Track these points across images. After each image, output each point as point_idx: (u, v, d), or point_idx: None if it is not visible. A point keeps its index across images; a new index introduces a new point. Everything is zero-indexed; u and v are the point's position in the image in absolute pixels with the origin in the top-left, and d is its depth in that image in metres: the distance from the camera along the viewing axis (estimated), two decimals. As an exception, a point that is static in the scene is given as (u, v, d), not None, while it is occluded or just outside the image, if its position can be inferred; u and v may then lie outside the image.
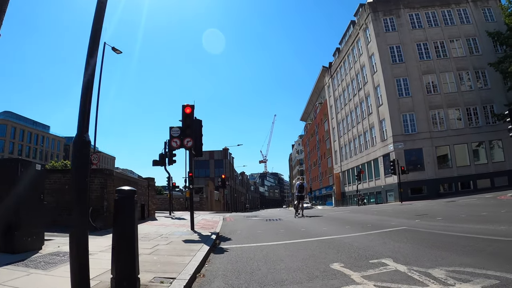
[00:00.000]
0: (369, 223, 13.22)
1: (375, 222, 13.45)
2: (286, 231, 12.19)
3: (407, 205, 26.45)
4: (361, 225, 12.62)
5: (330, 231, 11.15)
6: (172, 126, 12.62)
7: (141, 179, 18.55)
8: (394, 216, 15.34)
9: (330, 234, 10.28)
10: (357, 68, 54.10)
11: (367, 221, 13.89)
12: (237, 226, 15.58)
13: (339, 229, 11.59)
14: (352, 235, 9.80)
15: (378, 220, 14.27)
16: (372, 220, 14.44)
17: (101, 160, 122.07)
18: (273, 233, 11.56)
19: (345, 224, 13.20)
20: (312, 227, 12.83)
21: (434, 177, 41.22)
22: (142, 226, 13.72)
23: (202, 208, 47.65)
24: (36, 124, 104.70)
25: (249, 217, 22.99)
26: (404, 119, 42.97)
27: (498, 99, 41.97)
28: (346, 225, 12.96)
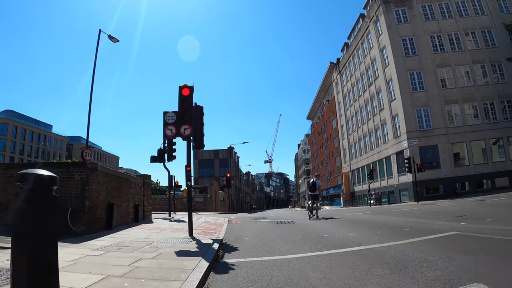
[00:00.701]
0: (403, 226, 11.12)
1: (411, 225, 11.34)
2: (304, 237, 10.05)
3: (429, 205, 24.18)
4: (395, 229, 10.53)
5: (360, 238, 9.06)
6: (167, 111, 10.54)
7: (134, 176, 16.35)
8: (429, 218, 13.21)
9: (363, 243, 8.18)
10: (367, 63, 52.00)
11: (400, 224, 11.80)
12: (244, 230, 13.41)
13: (370, 235, 9.49)
14: (393, 244, 7.70)
15: (412, 223, 12.12)
16: (404, 223, 12.29)
17: (104, 159, 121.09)
18: (289, 241, 9.42)
19: (374, 228, 11.07)
20: (335, 233, 10.69)
21: (451, 176, 39.17)
22: (132, 231, 11.64)
23: (206, 208, 45.72)
24: (38, 123, 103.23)
25: (257, 219, 20.67)
26: (419, 114, 40.94)
27: None
28: (376, 229, 10.85)
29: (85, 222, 10.44)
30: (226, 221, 18.21)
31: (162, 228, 12.77)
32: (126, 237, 9.98)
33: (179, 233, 11.12)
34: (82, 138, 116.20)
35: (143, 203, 16.22)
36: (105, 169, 12.28)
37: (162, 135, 10.61)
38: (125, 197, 13.98)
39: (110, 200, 12.20)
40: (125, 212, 13.88)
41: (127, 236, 10.10)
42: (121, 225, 13.05)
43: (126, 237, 9.98)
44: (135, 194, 15.24)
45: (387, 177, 46.90)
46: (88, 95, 22.73)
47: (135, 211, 15.03)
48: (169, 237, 10.01)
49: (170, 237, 10.01)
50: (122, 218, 13.45)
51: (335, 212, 26.02)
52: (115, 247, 7.95)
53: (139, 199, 15.69)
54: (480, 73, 42.12)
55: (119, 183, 13.36)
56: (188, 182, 10.30)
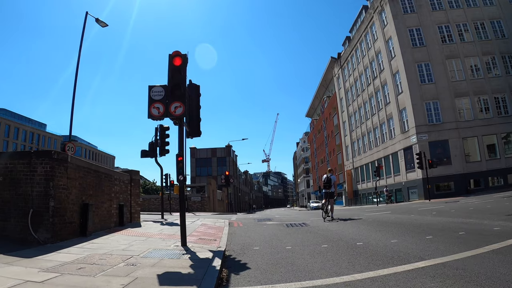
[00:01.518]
0: (453, 228, 8.94)
1: (461, 226, 9.16)
2: (332, 246, 7.75)
3: (450, 202, 21.84)
4: (447, 233, 8.33)
5: (410, 247, 6.85)
6: (153, 85, 8.24)
7: (119, 172, 13.81)
8: (475, 218, 11.06)
9: (422, 255, 5.97)
10: (371, 55, 49.91)
11: (447, 226, 9.60)
12: (250, 235, 11.03)
13: (420, 242, 7.27)
14: (468, 256, 5.57)
15: (460, 223, 9.92)
16: (449, 224, 10.07)
17: (99, 158, 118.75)
18: (315, 252, 7.14)
19: (417, 232, 8.78)
20: (370, 239, 8.39)
21: (462, 172, 37.24)
22: (111, 238, 9.31)
23: (203, 209, 43.51)
24: (32, 122, 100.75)
25: (262, 221, 18.06)
26: (428, 107, 38.94)
27: None
28: (420, 233, 8.59)
29: (50, 228, 8.15)
30: (226, 223, 15.81)
31: (149, 234, 10.43)
32: (100, 247, 7.68)
33: (169, 241, 8.80)
34: (77, 137, 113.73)
35: (130, 204, 13.86)
36: (78, 160, 9.93)
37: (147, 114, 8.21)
38: (106, 196, 11.64)
39: (85, 200, 9.89)
40: (106, 214, 11.55)
41: (102, 247, 7.80)
42: (101, 230, 10.76)
43: (100, 247, 7.68)
44: (119, 192, 12.89)
45: (393, 174, 44.72)
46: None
47: (119, 213, 12.68)
48: (156, 248, 7.70)
49: (157, 248, 7.70)
50: (102, 221, 11.13)
51: (345, 212, 23.60)
52: (76, 266, 5.65)
53: (125, 198, 13.33)
54: (491, 65, 40.48)
55: (98, 179, 11.03)
56: (180, 176, 7.96)
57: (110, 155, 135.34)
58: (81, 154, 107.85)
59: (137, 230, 11.58)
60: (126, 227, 12.30)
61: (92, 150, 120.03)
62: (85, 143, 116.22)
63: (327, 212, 15.89)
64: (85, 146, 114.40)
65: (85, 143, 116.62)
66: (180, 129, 8.25)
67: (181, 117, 8.05)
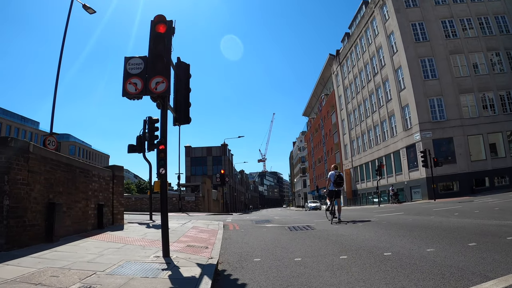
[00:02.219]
0: (495, 233, 7.37)
1: (506, 230, 7.58)
2: (353, 257, 6.15)
3: (465, 202, 20.24)
4: (492, 238, 6.75)
5: (456, 259, 5.30)
6: (131, 56, 6.66)
7: (98, 167, 11.98)
8: (510, 219, 9.48)
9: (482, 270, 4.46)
10: (372, 51, 48.50)
11: (486, 230, 8.04)
12: (248, 242, 9.35)
13: (468, 253, 5.67)
14: None
15: (499, 226, 8.36)
16: (485, 226, 8.50)
17: (93, 157, 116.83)
18: (334, 266, 5.54)
19: (452, 238, 7.14)
20: (398, 247, 6.77)
21: (467, 171, 35.93)
22: (81, 245, 7.68)
23: (197, 209, 41.85)
24: (24, 119, 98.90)
25: (260, 223, 16.31)
26: (431, 104, 37.60)
27: None
28: (458, 239, 6.97)
29: (3, 232, 6.56)
30: (221, 226, 14.09)
31: (129, 240, 8.80)
32: (62, 258, 6.06)
33: (150, 250, 7.19)
34: (70, 136, 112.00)
35: (111, 203, 12.21)
36: (44, 151, 8.30)
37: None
38: (81, 194, 10.00)
39: (53, 199, 8.28)
40: (81, 215, 9.91)
41: (64, 257, 6.18)
42: (74, 234, 9.17)
43: (62, 258, 6.06)
44: (99, 190, 11.25)
45: (395, 174, 43.30)
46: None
47: (98, 214, 11.05)
48: (131, 259, 6.09)
49: (131, 259, 6.09)
50: (75, 224, 9.51)
51: (350, 213, 21.91)
52: (9, 289, 4.07)
53: (105, 197, 11.70)
54: (495, 61, 39.24)
55: (71, 175, 9.40)
56: (162, 169, 6.36)
57: (104, 154, 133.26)
58: (75, 153, 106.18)
59: (117, 234, 9.95)
60: (105, 230, 10.67)
61: (86, 148, 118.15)
62: (79, 142, 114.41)
63: (334, 214, 14.21)
64: (78, 145, 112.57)
65: (79, 141, 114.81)
66: (163, 111, 6.66)
67: (164, 96, 6.46)
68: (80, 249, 7.13)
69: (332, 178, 14.35)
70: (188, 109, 7.74)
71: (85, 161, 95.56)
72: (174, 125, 7.88)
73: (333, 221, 13.75)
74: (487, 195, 27.27)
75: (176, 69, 7.71)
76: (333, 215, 14.26)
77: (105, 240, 8.66)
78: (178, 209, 39.96)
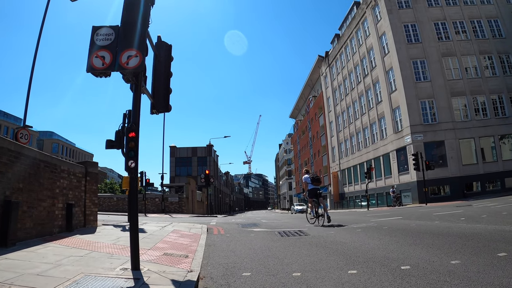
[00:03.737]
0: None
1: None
2: (364, 271, 5.03)
3: (464, 206, 18.97)
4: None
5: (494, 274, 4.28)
6: (100, 26, 5.51)
7: (68, 162, 10.59)
8: None
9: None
10: (363, 52, 47.85)
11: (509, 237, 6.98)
12: (235, 250, 8.12)
13: (503, 266, 4.63)
14: None
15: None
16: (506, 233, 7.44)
17: (76, 156, 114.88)
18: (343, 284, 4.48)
19: (475, 248, 6.00)
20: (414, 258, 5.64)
21: (458, 175, 35.36)
22: (41, 250, 6.48)
23: (181, 210, 40.70)
24: (7, 116, 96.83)
25: (247, 227, 14.97)
26: (423, 106, 36.99)
27: None
28: (483, 248, 5.88)
29: None
30: (204, 230, 12.85)
31: (98, 246, 7.60)
32: (7, 269, 4.87)
33: (118, 260, 6.00)
34: (54, 133, 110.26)
35: (83, 203, 10.99)
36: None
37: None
38: (47, 192, 8.77)
39: (10, 196, 7.10)
40: (46, 216, 8.66)
41: (12, 267, 5.00)
42: (37, 237, 7.99)
43: (7, 269, 4.87)
44: (69, 188, 10.02)
45: (384, 177, 42.56)
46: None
47: (67, 215, 9.83)
48: (91, 272, 4.92)
49: (92, 273, 4.92)
50: (39, 226, 8.27)
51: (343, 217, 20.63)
52: None
53: (76, 196, 10.47)
54: (488, 64, 38.92)
55: (34, 169, 8.18)
56: (131, 162, 5.22)
57: (88, 152, 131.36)
58: (58, 151, 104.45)
59: (85, 238, 8.73)
60: (74, 233, 9.43)
61: (69, 147, 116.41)
62: (62, 140, 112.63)
63: (320, 215, 13.99)
64: (62, 143, 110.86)
65: (62, 139, 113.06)
66: (135, 92, 5.52)
67: (137, 73, 5.32)
68: (36, 257, 5.94)
69: (308, 180, 14.73)
70: (168, 96, 6.63)
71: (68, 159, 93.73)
72: (151, 113, 6.76)
73: (320, 223, 13.60)
74: (480, 199, 26.51)
75: (156, 49, 6.60)
76: (318, 217, 14.13)
77: (70, 245, 7.46)
78: (161, 210, 38.83)
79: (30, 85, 17.62)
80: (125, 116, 15.54)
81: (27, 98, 17.49)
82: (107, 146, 16.11)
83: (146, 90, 6.03)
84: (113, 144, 15.89)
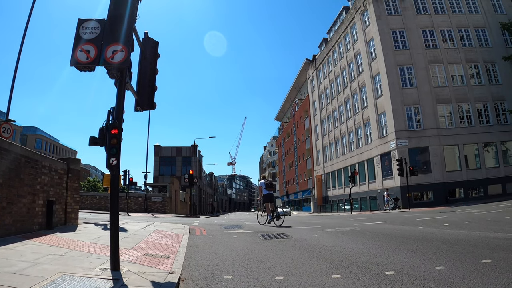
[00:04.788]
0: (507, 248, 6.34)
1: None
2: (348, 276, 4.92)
3: (447, 212, 18.94)
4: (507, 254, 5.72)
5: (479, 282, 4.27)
6: (86, 19, 5.39)
7: (49, 158, 10.18)
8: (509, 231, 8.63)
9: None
10: (350, 57, 48.05)
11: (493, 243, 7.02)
12: (217, 251, 7.99)
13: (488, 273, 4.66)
14: None
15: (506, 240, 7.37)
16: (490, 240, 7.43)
17: (60, 152, 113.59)
18: None
19: (460, 253, 5.94)
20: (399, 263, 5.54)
21: (442, 181, 35.67)
22: (19, 248, 6.30)
23: (164, 210, 40.38)
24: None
25: (229, 228, 14.86)
26: (408, 112, 37.25)
27: (510, 96, 38.35)
28: (467, 255, 5.86)
29: None
30: (186, 230, 12.69)
31: (77, 244, 7.44)
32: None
33: (97, 259, 5.87)
34: (38, 129, 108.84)
35: (64, 200, 10.80)
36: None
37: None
38: (27, 188, 8.56)
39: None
40: (25, 213, 8.46)
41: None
42: (16, 235, 7.80)
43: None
44: (49, 185, 9.82)
45: (368, 181, 42.70)
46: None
47: (47, 212, 9.63)
48: (70, 272, 4.78)
49: (71, 272, 4.78)
50: (18, 222, 8.07)
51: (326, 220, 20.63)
52: None
53: (57, 193, 10.27)
54: (474, 72, 39.33)
55: (14, 164, 7.96)
56: (113, 160, 5.11)
57: (72, 149, 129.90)
58: (41, 147, 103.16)
59: (65, 236, 8.56)
60: (54, 231, 9.24)
61: (53, 143, 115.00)
62: (46, 136, 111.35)
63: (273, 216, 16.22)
64: (45, 139, 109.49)
65: (46, 135, 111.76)
66: (120, 88, 5.41)
67: (122, 68, 5.21)
68: (14, 255, 5.78)
69: (263, 185, 16.55)
70: (153, 93, 6.52)
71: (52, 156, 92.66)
72: (136, 110, 6.64)
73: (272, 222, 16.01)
74: (463, 206, 26.67)
75: (142, 45, 6.50)
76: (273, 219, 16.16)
77: (49, 243, 7.30)
78: (144, 210, 38.51)
79: (15, 78, 17.30)
80: (109, 113, 15.32)
81: (11, 92, 17.20)
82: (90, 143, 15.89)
83: (131, 86, 5.93)
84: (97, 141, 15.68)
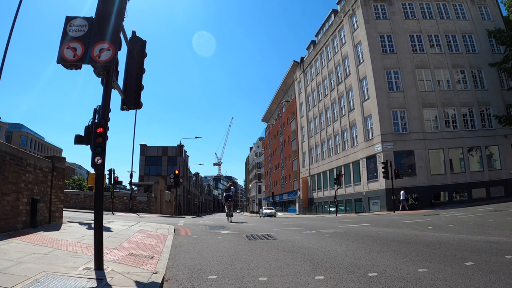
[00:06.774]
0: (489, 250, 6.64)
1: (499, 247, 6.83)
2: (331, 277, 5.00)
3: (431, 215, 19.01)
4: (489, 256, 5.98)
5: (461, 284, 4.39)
6: (74, 16, 5.37)
7: (34, 155, 10.05)
8: (491, 234, 9.00)
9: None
10: (337, 60, 48.10)
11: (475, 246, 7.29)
12: (201, 252, 8.02)
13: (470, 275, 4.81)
14: None
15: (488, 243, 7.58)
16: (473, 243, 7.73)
17: (45, 150, 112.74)
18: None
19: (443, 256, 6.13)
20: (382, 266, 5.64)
21: (427, 184, 35.90)
22: (5, 246, 6.21)
23: (149, 210, 40.20)
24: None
25: (214, 229, 14.84)
26: (394, 116, 37.42)
27: (495, 101, 38.81)
28: (450, 257, 6.02)
29: None
30: (171, 231, 12.64)
31: (61, 243, 7.39)
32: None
33: (81, 258, 5.84)
34: (23, 126, 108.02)
35: (49, 199, 10.72)
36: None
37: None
38: (11, 186, 8.47)
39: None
40: (9, 211, 8.36)
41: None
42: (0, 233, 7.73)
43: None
44: (34, 183, 9.73)
45: (353, 184, 42.80)
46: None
47: (31, 211, 9.54)
48: (53, 271, 4.75)
49: (54, 271, 4.75)
50: (2, 221, 7.94)
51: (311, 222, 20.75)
52: None
53: (41, 191, 10.18)
54: (460, 78, 39.76)
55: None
56: (98, 159, 5.10)
57: (57, 147, 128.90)
58: (26, 144, 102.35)
59: (49, 235, 8.49)
60: (38, 230, 9.16)
61: (39, 140, 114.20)
62: (31, 133, 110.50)
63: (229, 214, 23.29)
64: (31, 136, 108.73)
65: (31, 133, 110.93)
66: (106, 87, 5.40)
67: (109, 67, 5.19)
68: (-8, 255, 5.73)
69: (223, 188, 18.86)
70: (140, 93, 6.53)
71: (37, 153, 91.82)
72: (122, 109, 6.63)
73: None
74: (447, 209, 27.05)
75: (129, 44, 6.50)
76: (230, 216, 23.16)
77: (33, 242, 7.24)
78: (129, 209, 38.30)
79: (0, 75, 17.15)
80: (95, 111, 15.22)
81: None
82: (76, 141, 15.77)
83: (117, 85, 5.92)
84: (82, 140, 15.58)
